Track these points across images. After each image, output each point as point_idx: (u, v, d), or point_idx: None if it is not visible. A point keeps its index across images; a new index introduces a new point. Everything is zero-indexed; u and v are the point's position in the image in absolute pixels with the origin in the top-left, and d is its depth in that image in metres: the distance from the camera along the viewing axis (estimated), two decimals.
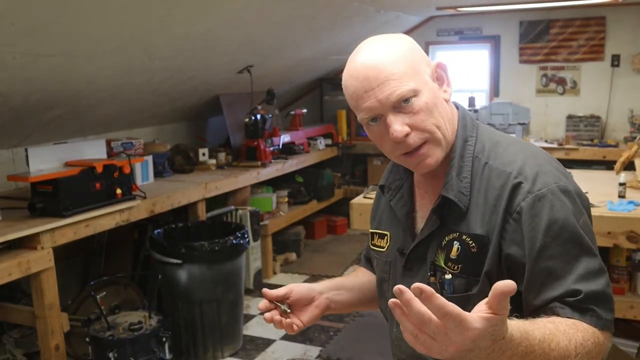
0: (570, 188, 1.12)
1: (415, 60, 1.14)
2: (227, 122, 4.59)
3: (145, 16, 2.70)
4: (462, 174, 1.17)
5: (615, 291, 2.91)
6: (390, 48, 1.14)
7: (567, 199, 1.10)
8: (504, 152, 1.17)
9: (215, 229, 3.62)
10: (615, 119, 5.44)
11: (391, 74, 1.11)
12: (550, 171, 1.13)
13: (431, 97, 1.14)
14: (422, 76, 1.14)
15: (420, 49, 1.20)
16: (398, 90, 1.10)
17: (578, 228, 1.08)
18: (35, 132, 3.38)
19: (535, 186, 1.10)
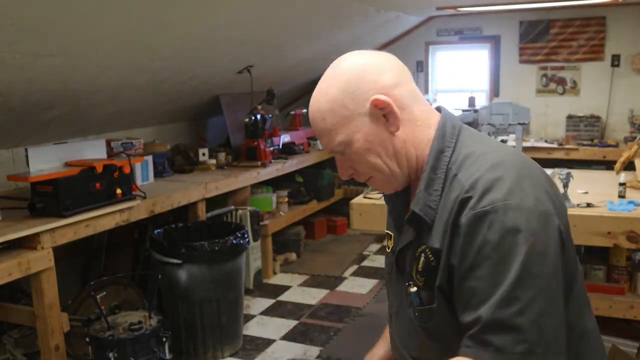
0: (524, 205, 1.03)
1: (347, 107, 1.14)
2: (227, 122, 4.59)
3: (145, 16, 2.70)
4: (432, 187, 1.14)
5: (615, 291, 2.94)
6: (322, 99, 1.17)
7: (512, 219, 1.01)
8: (473, 163, 1.11)
9: (215, 229, 3.62)
10: (615, 119, 5.44)
11: (320, 130, 1.18)
12: (505, 186, 1.04)
13: (362, 143, 1.16)
14: (352, 123, 1.15)
15: (360, 85, 1.14)
16: (329, 145, 1.19)
17: (515, 252, 1.00)
18: (35, 132, 3.38)
19: (480, 203, 1.04)
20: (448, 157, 1.15)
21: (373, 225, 3.08)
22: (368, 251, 5.22)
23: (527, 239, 1.00)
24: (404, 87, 1.17)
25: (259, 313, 3.96)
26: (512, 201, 1.02)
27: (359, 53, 1.20)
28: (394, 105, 1.14)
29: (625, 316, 2.89)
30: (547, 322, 0.99)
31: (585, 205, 2.75)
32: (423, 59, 6.11)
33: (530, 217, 1.02)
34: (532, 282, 0.99)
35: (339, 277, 4.59)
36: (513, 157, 1.13)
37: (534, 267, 1.00)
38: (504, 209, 1.01)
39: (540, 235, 1.02)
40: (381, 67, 1.16)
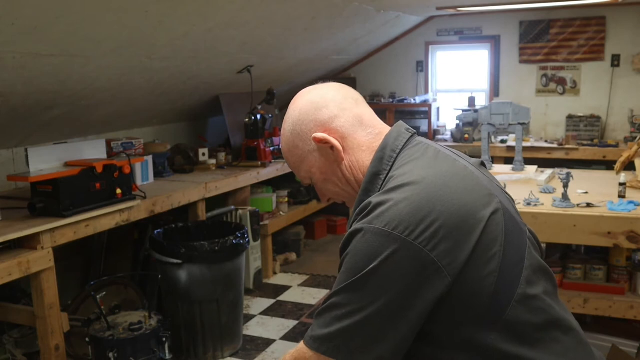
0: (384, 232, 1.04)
1: (298, 147, 1.28)
2: (227, 122, 4.60)
3: (145, 16, 2.70)
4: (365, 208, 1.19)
5: (615, 291, 2.94)
6: (283, 141, 1.32)
7: (368, 241, 1.06)
8: (386, 184, 1.17)
9: (215, 229, 3.62)
10: (615, 119, 5.45)
11: (289, 165, 1.34)
12: (380, 211, 1.07)
13: (319, 175, 1.29)
14: (307, 160, 1.28)
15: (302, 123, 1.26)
16: (298, 177, 1.34)
17: (354, 268, 1.06)
18: (35, 132, 3.38)
19: (360, 221, 1.10)
20: (382, 180, 1.19)
21: None
22: None
23: (371, 261, 1.05)
24: (344, 117, 1.25)
25: (259, 313, 3.96)
26: (379, 227, 1.06)
27: (304, 92, 1.31)
28: (331, 139, 1.23)
29: (625, 316, 2.88)
30: (358, 335, 1.06)
31: (585, 205, 2.75)
32: (423, 59, 6.12)
33: (391, 245, 1.04)
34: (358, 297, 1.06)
35: None
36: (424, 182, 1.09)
37: (366, 286, 1.05)
38: (370, 231, 1.07)
39: (392, 264, 1.03)
40: (319, 103, 1.26)
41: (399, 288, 1.04)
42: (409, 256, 1.03)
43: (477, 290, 1.06)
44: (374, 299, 1.05)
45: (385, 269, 1.04)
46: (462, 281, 1.05)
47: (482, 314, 1.07)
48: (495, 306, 1.08)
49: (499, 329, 1.08)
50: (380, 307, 1.05)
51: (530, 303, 1.11)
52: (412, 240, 1.03)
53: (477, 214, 1.09)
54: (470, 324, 1.08)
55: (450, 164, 1.18)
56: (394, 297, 1.05)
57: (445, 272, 1.04)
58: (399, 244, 1.03)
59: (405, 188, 1.09)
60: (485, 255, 1.07)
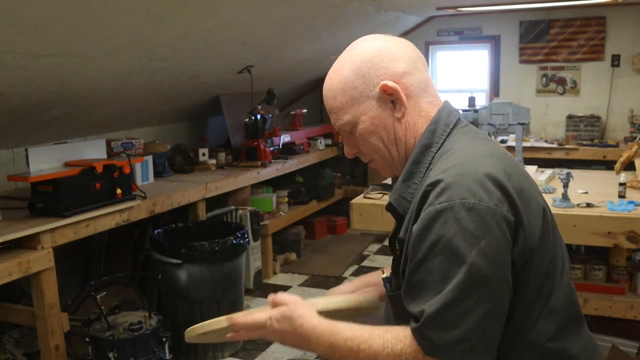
0: (481, 206, 1.02)
1: (357, 89, 1.18)
2: (227, 122, 4.59)
3: (145, 16, 2.70)
4: (411, 180, 1.17)
5: (615, 291, 2.94)
6: (335, 78, 1.21)
7: (466, 217, 1.02)
8: (445, 160, 1.12)
9: (215, 229, 3.62)
10: (615, 119, 5.45)
11: (330, 107, 1.23)
12: (465, 184, 1.04)
13: (368, 126, 1.20)
14: (361, 105, 1.19)
15: (371, 69, 1.18)
16: (336, 123, 1.24)
17: (465, 251, 1.01)
18: (35, 132, 3.38)
19: (438, 199, 1.05)
20: (433, 153, 1.17)
21: (373, 225, 3.08)
22: (368, 251, 5.22)
23: (479, 240, 1.01)
24: (415, 76, 1.19)
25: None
26: (469, 200, 1.03)
27: (377, 37, 1.23)
28: (401, 92, 1.17)
29: (625, 316, 2.89)
30: (491, 323, 1.03)
31: (585, 205, 2.75)
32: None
33: (485, 218, 1.02)
34: (480, 284, 1.01)
35: (339, 277, 4.59)
36: (487, 157, 1.12)
37: (483, 269, 1.01)
38: (459, 207, 1.03)
39: (493, 237, 1.02)
40: (395, 54, 1.19)
41: (507, 259, 1.04)
42: (508, 227, 1.04)
43: (538, 270, 1.10)
44: (496, 277, 1.02)
45: (495, 243, 1.02)
46: (532, 258, 1.08)
47: (535, 297, 1.10)
48: (545, 291, 1.11)
49: (544, 317, 1.11)
50: (502, 283, 1.03)
51: (567, 294, 1.16)
52: (505, 211, 1.04)
53: (536, 196, 1.14)
54: (520, 307, 1.10)
55: (501, 148, 1.21)
56: (506, 269, 1.04)
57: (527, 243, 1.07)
58: (498, 216, 1.03)
59: (477, 162, 1.09)
60: (547, 238, 1.12)
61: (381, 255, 5.09)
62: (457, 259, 1.01)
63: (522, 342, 1.10)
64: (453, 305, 1.01)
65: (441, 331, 1.02)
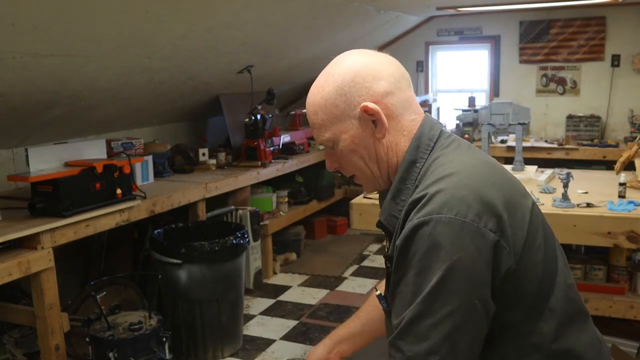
0: (457, 221, 1.02)
1: (338, 107, 1.18)
2: (227, 122, 4.59)
3: (145, 16, 2.70)
4: (399, 197, 1.17)
5: (615, 291, 2.94)
6: (318, 94, 1.20)
7: (441, 232, 1.02)
8: (431, 174, 1.13)
9: (215, 229, 3.62)
10: (615, 119, 5.45)
11: (312, 122, 1.24)
12: (445, 200, 1.04)
13: (348, 144, 1.20)
14: (341, 124, 1.19)
15: (353, 88, 1.16)
16: (318, 138, 1.24)
17: (435, 266, 1.02)
18: (35, 132, 3.38)
19: (418, 214, 1.06)
20: (419, 169, 1.17)
21: (373, 226, 3.04)
22: (368, 251, 5.22)
23: (451, 255, 1.01)
24: (397, 95, 1.18)
25: (259, 313, 3.96)
26: (445, 215, 1.03)
27: (361, 53, 1.21)
28: (382, 114, 1.16)
29: (625, 316, 2.89)
30: (462, 337, 1.02)
31: (585, 205, 2.75)
32: (423, 59, 6.12)
33: (460, 233, 1.02)
34: (450, 297, 1.02)
35: (339, 277, 4.59)
36: (469, 168, 1.11)
37: (453, 283, 1.01)
38: (436, 221, 1.03)
39: (466, 252, 1.02)
40: (378, 73, 1.17)
41: (481, 274, 1.04)
42: (484, 242, 1.03)
43: (529, 276, 1.10)
44: (466, 292, 1.02)
45: (468, 258, 1.02)
46: (520, 266, 1.08)
47: (531, 301, 1.11)
48: (541, 294, 1.12)
49: (544, 319, 1.11)
50: (472, 298, 1.03)
51: (567, 293, 1.17)
52: (482, 226, 1.04)
53: (522, 202, 1.14)
54: (519, 312, 1.10)
55: (484, 155, 1.21)
56: (479, 284, 1.04)
57: (512, 254, 1.07)
58: (473, 231, 1.03)
59: (458, 175, 1.09)
60: (534, 243, 1.12)
61: (381, 255, 5.07)
62: (428, 273, 1.02)
63: (525, 346, 1.11)
64: (422, 317, 1.02)
65: (411, 343, 1.03)
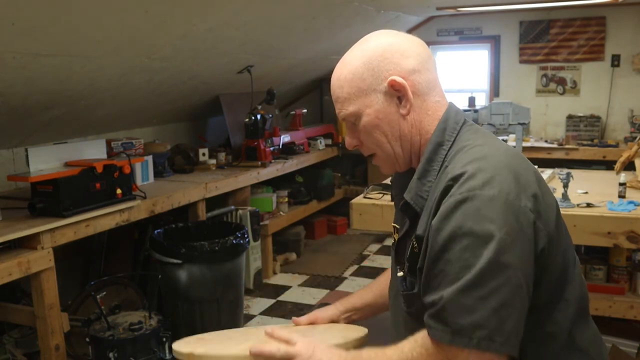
0: (501, 197, 1.03)
1: (365, 81, 1.19)
2: (227, 122, 4.59)
3: (145, 16, 2.70)
4: (425, 178, 1.18)
5: (615, 291, 2.94)
6: (344, 68, 1.22)
7: (486, 207, 1.03)
8: (462, 155, 1.14)
9: (215, 229, 3.62)
10: (615, 119, 5.44)
11: (336, 96, 1.24)
12: (486, 177, 1.06)
13: (372, 119, 1.21)
14: (367, 98, 1.20)
15: (381, 64, 1.19)
16: (340, 113, 1.24)
17: (486, 240, 1.01)
18: (35, 132, 3.37)
19: (459, 189, 1.06)
20: (446, 151, 1.18)
21: (373, 225, 3.08)
22: (368, 251, 5.21)
23: (500, 229, 1.02)
24: (423, 75, 1.21)
25: (259, 313, 3.96)
26: (489, 191, 1.04)
27: (391, 32, 1.24)
28: (409, 89, 1.18)
29: (625, 316, 2.89)
30: (509, 313, 1.01)
31: (585, 205, 2.75)
32: None
33: (505, 209, 1.03)
34: (499, 272, 1.01)
35: (339, 277, 4.59)
36: (503, 152, 1.14)
37: (502, 257, 1.01)
38: (480, 197, 1.03)
39: (512, 228, 1.03)
40: (407, 51, 1.20)
41: (525, 252, 1.05)
42: (526, 221, 1.05)
43: (555, 261, 1.11)
44: (514, 268, 1.02)
45: (514, 234, 1.03)
46: (550, 249, 1.09)
47: (552, 287, 1.12)
48: (561, 280, 1.14)
49: (560, 308, 1.13)
50: (519, 275, 1.02)
51: (580, 286, 1.19)
52: (523, 205, 1.05)
53: (549, 190, 1.18)
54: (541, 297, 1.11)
55: (509, 145, 1.25)
56: (524, 262, 1.04)
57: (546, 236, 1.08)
58: (516, 209, 1.04)
59: (496, 157, 1.11)
60: (561, 228, 1.14)
61: (381, 255, 5.09)
62: (476, 247, 1.01)
63: (541, 334, 1.11)
64: (470, 290, 1.00)
65: (457, 315, 1.01)
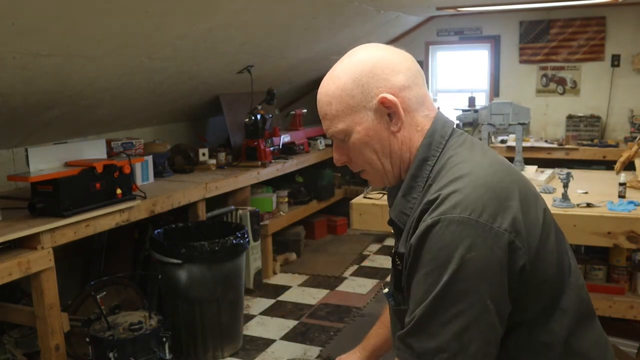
0: (471, 221, 1.02)
1: (354, 98, 1.16)
2: (227, 122, 4.59)
3: (145, 16, 2.70)
4: (410, 195, 1.17)
5: (615, 291, 2.94)
6: (333, 84, 1.18)
7: (453, 232, 1.01)
8: (446, 173, 1.12)
9: (215, 229, 3.62)
10: (615, 119, 5.44)
11: (324, 113, 1.20)
12: (458, 200, 1.04)
13: (362, 137, 1.18)
14: (356, 115, 1.17)
15: (371, 80, 1.15)
16: (329, 130, 1.21)
17: (447, 266, 1.01)
18: (35, 132, 3.38)
19: (432, 213, 1.05)
20: (430, 167, 1.17)
21: (373, 225, 3.08)
22: (368, 251, 5.22)
23: (462, 254, 1.01)
24: (413, 90, 1.18)
25: (259, 313, 3.96)
26: (458, 215, 1.03)
27: (379, 46, 1.22)
28: (399, 106, 1.15)
29: (625, 316, 2.89)
30: (472, 337, 1.01)
31: (585, 205, 2.75)
32: (423, 59, 6.11)
33: (473, 233, 1.01)
34: (459, 297, 1.01)
35: (339, 277, 4.59)
36: (485, 168, 1.11)
37: (464, 283, 1.01)
38: (449, 221, 1.03)
39: (479, 252, 1.01)
40: (396, 66, 1.18)
41: (494, 275, 1.03)
42: (498, 243, 1.02)
43: (543, 276, 1.10)
44: (478, 292, 1.01)
45: (480, 258, 1.01)
46: (534, 265, 1.08)
47: (544, 301, 1.11)
48: (554, 293, 1.13)
49: (556, 318, 1.12)
50: (484, 299, 1.02)
51: (578, 293, 1.17)
52: (497, 226, 1.03)
53: (536, 202, 1.15)
54: (532, 311, 1.10)
55: (497, 155, 1.21)
56: (492, 285, 1.03)
57: (527, 254, 1.06)
58: (487, 231, 1.02)
59: (474, 175, 1.08)
60: (548, 242, 1.12)
61: (381, 255, 5.09)
62: (439, 273, 1.02)
63: (535, 345, 1.11)
64: (432, 315, 1.02)
65: (421, 340, 1.03)
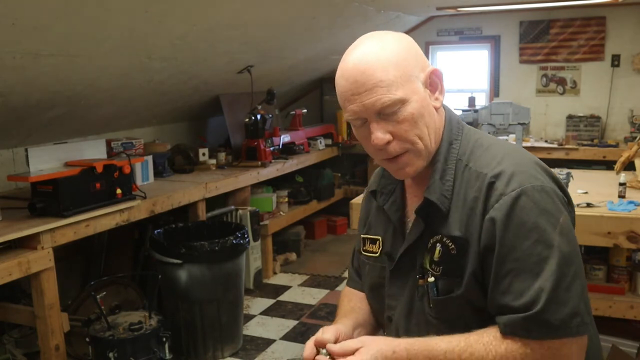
0: (547, 187, 1.10)
1: (409, 66, 1.11)
2: (227, 122, 4.59)
3: (145, 16, 2.70)
4: (445, 177, 1.17)
5: (615, 291, 2.94)
6: (384, 51, 1.10)
7: (541, 200, 1.07)
8: (484, 153, 1.16)
9: (215, 229, 3.62)
10: (615, 119, 5.44)
11: (379, 81, 1.08)
12: (526, 171, 1.10)
13: (418, 107, 1.11)
14: (412, 84, 1.11)
15: (417, 51, 1.17)
16: (384, 99, 1.08)
17: (549, 230, 1.06)
18: (35, 132, 3.38)
19: (509, 187, 1.08)
20: (457, 149, 1.19)
21: None
22: None
23: (557, 219, 1.07)
24: None
25: (259, 313, 3.96)
26: (537, 184, 1.09)
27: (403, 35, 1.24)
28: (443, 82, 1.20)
29: (625, 316, 2.89)
30: (586, 292, 1.08)
31: (585, 205, 2.75)
32: None
33: (554, 199, 1.09)
34: (572, 257, 1.07)
35: (339, 277, 4.59)
36: (512, 146, 1.21)
37: (570, 244, 1.07)
38: (532, 191, 1.08)
39: (563, 214, 1.09)
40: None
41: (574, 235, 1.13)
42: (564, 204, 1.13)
43: None
44: (577, 249, 1.10)
45: (565, 215, 1.10)
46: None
47: None
48: None
49: None
50: (578, 257, 1.10)
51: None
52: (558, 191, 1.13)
53: None
54: None
55: None
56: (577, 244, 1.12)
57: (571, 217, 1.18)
58: (558, 196, 1.12)
59: (518, 152, 1.17)
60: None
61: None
62: (546, 240, 1.05)
63: None
64: (559, 282, 1.04)
65: (556, 311, 1.03)
